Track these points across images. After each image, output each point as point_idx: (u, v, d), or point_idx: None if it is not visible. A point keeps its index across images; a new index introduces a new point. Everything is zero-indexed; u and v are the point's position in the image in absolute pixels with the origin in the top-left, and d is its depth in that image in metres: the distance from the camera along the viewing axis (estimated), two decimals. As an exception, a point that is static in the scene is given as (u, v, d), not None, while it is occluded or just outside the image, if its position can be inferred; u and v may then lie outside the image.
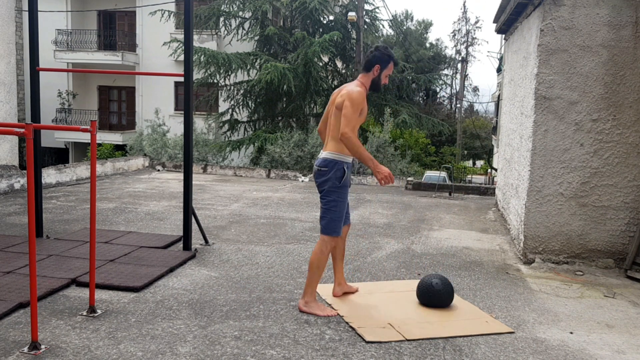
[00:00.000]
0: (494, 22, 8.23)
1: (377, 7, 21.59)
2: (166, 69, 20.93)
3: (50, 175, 9.10)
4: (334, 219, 3.81)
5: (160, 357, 3.04)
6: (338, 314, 3.79)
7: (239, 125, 18.95)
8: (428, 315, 3.87)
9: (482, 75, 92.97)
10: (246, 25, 19.13)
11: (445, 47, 55.58)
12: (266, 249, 5.52)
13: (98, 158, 16.14)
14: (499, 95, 21.79)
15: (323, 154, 3.84)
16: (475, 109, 48.32)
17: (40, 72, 5.34)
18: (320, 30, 19.30)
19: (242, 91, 18.80)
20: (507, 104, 7.74)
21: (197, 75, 17.59)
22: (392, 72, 3.89)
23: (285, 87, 16.98)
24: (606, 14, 5.14)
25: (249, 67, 17.89)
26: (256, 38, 19.15)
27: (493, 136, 30.13)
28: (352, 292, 4.23)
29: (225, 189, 9.51)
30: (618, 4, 5.13)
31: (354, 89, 3.73)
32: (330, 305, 3.96)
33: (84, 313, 3.60)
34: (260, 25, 18.80)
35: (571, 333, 3.70)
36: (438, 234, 6.58)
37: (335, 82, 20.69)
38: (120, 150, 21.42)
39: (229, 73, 17.93)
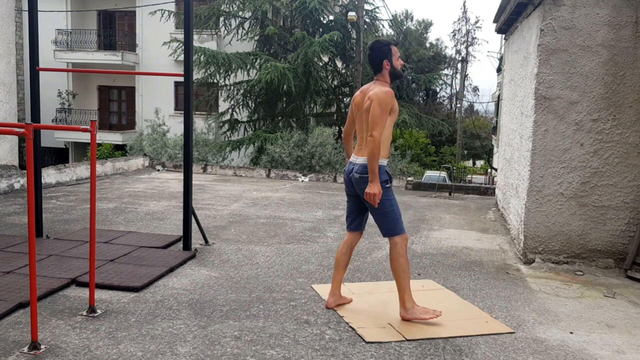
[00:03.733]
0: (494, 22, 8.23)
1: (377, 7, 21.60)
2: (166, 68, 20.93)
3: (50, 175, 9.10)
4: (393, 219, 3.64)
5: (160, 357, 3.04)
6: (438, 314, 3.66)
7: (239, 125, 18.95)
8: (428, 315, 3.86)
9: (482, 75, 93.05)
10: (246, 25, 19.13)
11: (445, 47, 55.62)
12: (266, 249, 5.52)
13: (98, 158, 16.14)
14: (499, 95, 21.79)
15: (360, 160, 3.68)
16: (475, 109, 48.39)
17: (40, 72, 5.34)
18: (320, 30, 19.30)
19: (242, 91, 18.80)
20: (507, 104, 7.74)
21: (197, 75, 17.59)
22: (399, 52, 3.78)
23: (285, 87, 16.98)
24: (606, 14, 5.14)
25: (249, 67, 17.89)
26: (256, 38, 19.15)
27: (493, 136, 30.14)
28: (346, 303, 3.97)
29: (225, 189, 9.51)
30: (618, 4, 5.13)
31: (380, 89, 3.61)
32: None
33: (84, 313, 3.60)
34: (260, 25, 18.80)
35: (571, 333, 3.70)
36: (438, 234, 6.58)
37: (335, 82, 20.69)
38: (120, 150, 21.42)
39: (229, 73, 17.94)
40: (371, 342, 3.35)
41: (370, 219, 3.90)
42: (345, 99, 21.37)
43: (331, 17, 19.66)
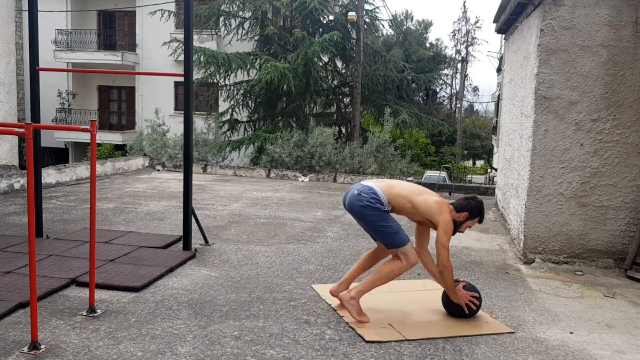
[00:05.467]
0: (494, 22, 8.23)
1: (377, 7, 21.58)
2: (166, 68, 20.93)
3: (50, 175, 9.10)
4: (391, 233, 3.69)
5: (160, 357, 3.04)
6: (365, 320, 3.64)
7: (239, 125, 18.95)
8: (428, 315, 3.87)
9: (482, 75, 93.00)
10: (246, 25, 19.13)
11: (445, 47, 55.54)
12: (266, 249, 5.52)
13: (98, 158, 16.13)
14: (499, 95, 21.79)
15: (369, 182, 3.77)
16: (475, 109, 48.38)
17: (40, 72, 5.33)
18: (320, 30, 19.30)
19: (242, 91, 18.80)
20: (507, 104, 7.74)
21: (197, 75, 17.59)
22: (472, 225, 3.91)
23: (285, 87, 16.98)
24: (606, 13, 5.14)
25: (248, 67, 17.89)
26: (256, 38, 19.14)
27: (493, 136, 30.13)
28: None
29: (225, 189, 9.50)
30: (618, 4, 5.13)
31: (447, 215, 3.72)
32: (330, 305, 3.96)
33: (84, 313, 3.60)
34: (260, 25, 18.80)
35: (571, 333, 3.70)
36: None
37: (335, 82, 20.69)
38: (120, 150, 21.41)
39: (229, 73, 17.93)
40: (371, 342, 3.35)
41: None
42: (345, 99, 21.36)
43: (331, 17, 19.65)
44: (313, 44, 16.99)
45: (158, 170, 11.97)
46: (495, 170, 20.90)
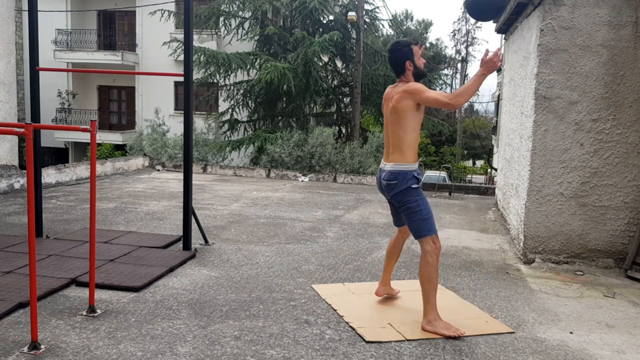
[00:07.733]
0: (494, 22, 8.23)
1: (377, 7, 21.61)
2: (166, 68, 20.92)
3: (50, 175, 9.10)
4: (422, 218, 3.56)
5: (160, 357, 3.04)
6: (460, 334, 3.47)
7: (239, 125, 18.95)
8: (428, 315, 3.86)
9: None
10: (246, 25, 19.13)
11: (445, 47, 55.54)
12: (266, 248, 5.52)
13: (98, 158, 16.12)
14: (499, 95, 21.78)
15: (388, 166, 3.62)
16: (475, 109, 48.34)
17: (40, 72, 5.33)
18: (320, 30, 19.30)
19: (242, 91, 18.79)
20: (507, 103, 7.74)
21: (197, 75, 17.59)
22: (419, 54, 3.66)
23: (285, 86, 16.97)
24: (606, 13, 5.14)
25: (248, 67, 17.88)
26: (256, 38, 19.14)
27: (493, 136, 30.12)
28: (394, 295, 4.13)
29: (225, 189, 9.50)
30: (618, 3, 5.13)
31: (407, 84, 3.55)
32: (330, 305, 3.96)
33: (84, 313, 3.60)
34: (260, 25, 18.79)
35: (571, 333, 3.70)
36: (438, 234, 6.56)
37: (335, 82, 20.68)
38: (120, 150, 21.41)
39: (229, 73, 17.93)
40: (371, 342, 3.35)
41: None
42: (345, 99, 21.36)
43: (331, 17, 19.65)
44: (313, 44, 16.98)
45: (158, 170, 11.97)
46: (495, 170, 20.89)
